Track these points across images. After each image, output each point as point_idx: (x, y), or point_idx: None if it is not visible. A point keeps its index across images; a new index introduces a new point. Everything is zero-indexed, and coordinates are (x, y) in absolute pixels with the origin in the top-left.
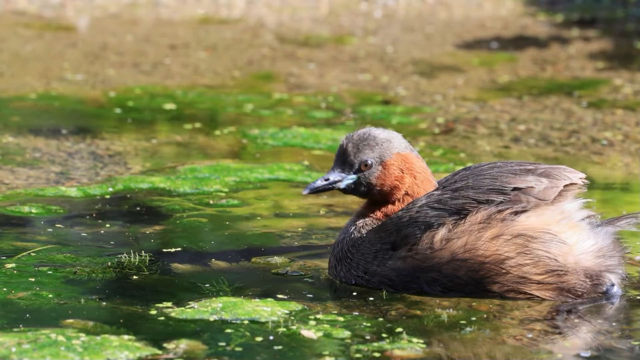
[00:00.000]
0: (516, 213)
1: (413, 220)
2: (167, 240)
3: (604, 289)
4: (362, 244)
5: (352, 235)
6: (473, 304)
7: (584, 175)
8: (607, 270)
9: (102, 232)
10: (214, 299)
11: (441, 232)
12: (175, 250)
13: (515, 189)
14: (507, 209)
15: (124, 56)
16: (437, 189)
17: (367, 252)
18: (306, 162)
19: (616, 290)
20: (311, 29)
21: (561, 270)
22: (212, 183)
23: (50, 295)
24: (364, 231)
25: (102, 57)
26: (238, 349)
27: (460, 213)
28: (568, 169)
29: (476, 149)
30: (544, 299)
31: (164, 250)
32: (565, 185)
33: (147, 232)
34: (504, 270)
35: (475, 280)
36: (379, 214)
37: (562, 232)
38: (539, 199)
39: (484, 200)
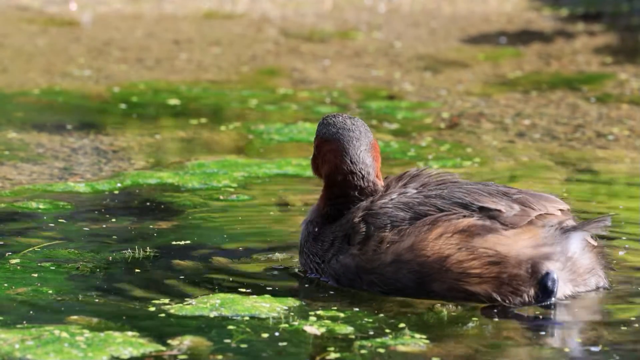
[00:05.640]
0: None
1: (372, 217)
2: (175, 236)
3: (539, 277)
4: (322, 233)
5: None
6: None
7: (566, 207)
8: (545, 258)
9: (109, 227)
10: (211, 295)
11: (389, 235)
12: (182, 246)
13: (482, 208)
14: (456, 213)
15: (128, 51)
16: (414, 189)
17: (326, 241)
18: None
19: (552, 278)
20: (315, 23)
21: (500, 261)
22: (221, 178)
23: (51, 291)
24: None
25: (106, 52)
26: (243, 345)
27: (421, 219)
28: (550, 198)
29: (481, 143)
30: (482, 299)
31: (171, 245)
32: (539, 215)
33: (155, 227)
34: (444, 268)
35: (414, 282)
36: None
37: (505, 229)
38: (507, 224)
39: (446, 210)
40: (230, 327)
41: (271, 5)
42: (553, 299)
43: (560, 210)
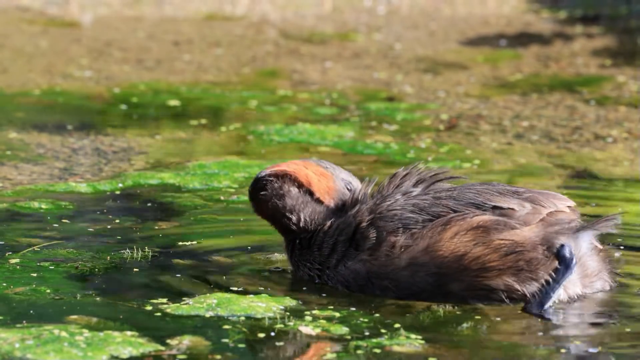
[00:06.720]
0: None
1: (381, 220)
2: (175, 236)
3: (554, 250)
4: (319, 236)
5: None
6: None
7: (573, 204)
8: (557, 233)
9: (110, 228)
10: (208, 295)
11: (402, 239)
12: (182, 246)
13: (495, 207)
14: (469, 213)
15: (128, 52)
16: (418, 189)
17: (324, 246)
18: (314, 159)
19: (569, 248)
20: (315, 25)
21: (517, 248)
22: (222, 179)
23: (50, 291)
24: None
25: (107, 53)
26: (241, 345)
27: (434, 221)
28: (558, 196)
29: (479, 145)
30: (501, 295)
31: (171, 246)
32: (550, 213)
33: (156, 228)
34: (462, 267)
35: (432, 285)
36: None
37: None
38: (519, 223)
39: (460, 212)
40: (227, 327)
41: (271, 7)
42: (573, 270)
43: (568, 207)
